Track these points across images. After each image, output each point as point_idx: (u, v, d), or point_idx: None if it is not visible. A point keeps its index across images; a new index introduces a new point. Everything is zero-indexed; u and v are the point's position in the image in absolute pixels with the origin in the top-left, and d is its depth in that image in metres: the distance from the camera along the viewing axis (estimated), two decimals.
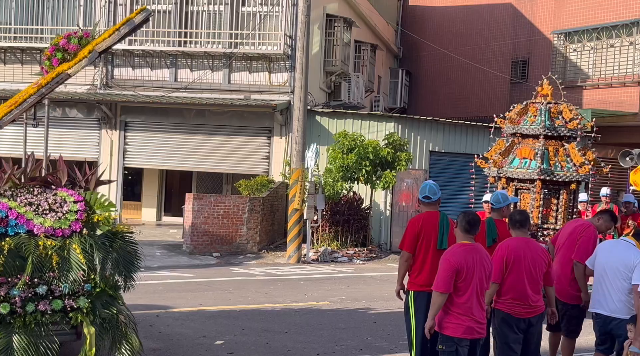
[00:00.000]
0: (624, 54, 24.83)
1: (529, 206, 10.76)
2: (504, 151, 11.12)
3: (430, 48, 30.62)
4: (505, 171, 10.88)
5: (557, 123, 10.89)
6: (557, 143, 10.89)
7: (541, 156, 10.65)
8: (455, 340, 5.85)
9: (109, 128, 20.88)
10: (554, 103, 11.18)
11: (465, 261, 5.83)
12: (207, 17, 20.53)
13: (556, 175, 10.58)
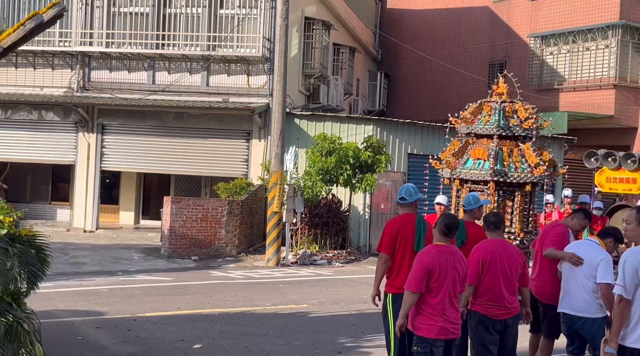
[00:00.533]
0: (599, 57, 25.10)
1: None
2: (458, 152, 10.81)
3: (408, 51, 30.76)
4: (458, 172, 10.57)
5: (512, 122, 10.58)
6: (512, 144, 10.59)
7: (495, 157, 10.35)
8: (430, 340, 5.88)
9: (86, 131, 20.71)
10: (509, 102, 10.82)
11: (438, 262, 5.86)
12: (185, 20, 20.45)
13: (510, 176, 10.28)
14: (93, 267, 14.92)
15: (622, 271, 5.53)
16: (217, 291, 12.69)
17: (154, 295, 12.05)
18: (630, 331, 5.53)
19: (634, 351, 5.53)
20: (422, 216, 7.51)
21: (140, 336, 9.01)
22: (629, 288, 5.47)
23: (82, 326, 9.42)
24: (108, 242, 18.62)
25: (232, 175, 20.02)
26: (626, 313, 5.51)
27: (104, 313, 10.25)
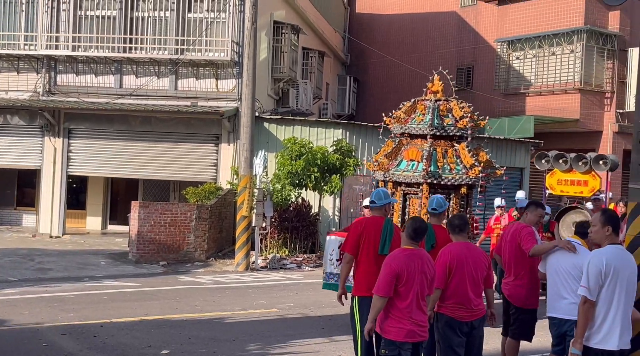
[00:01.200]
0: (565, 62, 25.45)
1: (416, 212, 10.03)
2: (391, 153, 10.37)
3: (377, 55, 30.91)
4: (391, 174, 10.15)
5: (446, 121, 10.16)
6: (447, 144, 10.19)
7: (428, 158, 9.94)
8: (398, 343, 5.91)
9: (52, 136, 20.47)
10: (443, 101, 10.39)
11: (406, 266, 5.88)
12: (153, 23, 20.32)
13: (444, 178, 9.89)
14: (59, 272, 14.73)
15: (587, 273, 5.59)
16: (185, 296, 12.61)
17: (121, 300, 11.93)
18: (594, 332, 5.61)
19: (598, 351, 5.61)
20: (390, 220, 7.56)
21: (107, 342, 8.91)
22: (593, 290, 5.54)
23: (48, 333, 9.28)
24: (75, 248, 18.40)
25: (201, 180, 19.91)
26: (590, 315, 5.58)
27: (70, 320, 10.11)
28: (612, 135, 25.37)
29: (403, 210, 10.23)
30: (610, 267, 5.53)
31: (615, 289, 5.57)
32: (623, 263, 5.64)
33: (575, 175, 14.20)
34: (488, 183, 10.27)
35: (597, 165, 13.90)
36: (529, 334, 7.84)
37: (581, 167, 14.03)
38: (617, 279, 5.56)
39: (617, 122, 25.37)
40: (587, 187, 14.17)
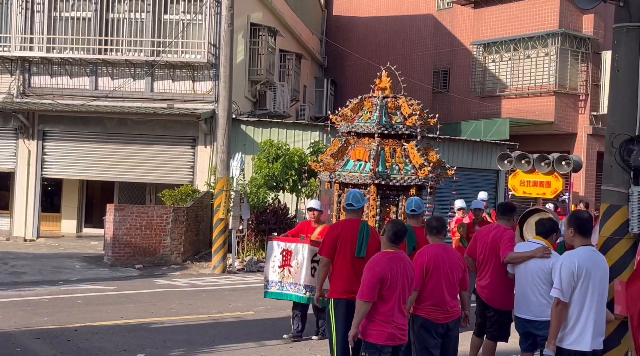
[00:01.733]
0: (540, 65, 25.69)
1: (364, 215, 9.32)
2: (337, 152, 9.94)
3: (354, 58, 30.97)
4: (337, 175, 9.72)
5: (395, 119, 9.74)
6: (396, 143, 9.77)
7: (376, 157, 9.50)
8: (378, 346, 5.93)
9: (26, 138, 20.25)
10: (391, 98, 9.95)
11: (390, 270, 5.90)
12: (129, 25, 20.18)
13: (393, 178, 9.49)
14: (33, 276, 14.56)
15: (559, 275, 5.64)
16: (161, 299, 12.52)
17: (96, 304, 11.82)
18: (567, 333, 5.66)
19: (571, 352, 5.66)
20: (366, 223, 7.57)
21: (82, 346, 8.82)
22: (565, 291, 5.59)
23: (21, 337, 9.17)
24: (49, 251, 18.21)
25: (177, 182, 19.81)
26: (563, 316, 5.63)
27: (44, 324, 10.01)
28: (586, 137, 25.64)
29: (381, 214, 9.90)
30: (582, 269, 5.58)
31: (588, 290, 5.62)
32: (595, 264, 5.69)
33: (538, 176, 13.83)
34: (438, 184, 9.92)
35: (560, 165, 13.53)
36: (507, 335, 7.89)
37: (543, 167, 13.66)
38: (589, 280, 5.62)
39: (591, 125, 25.65)
40: (549, 188, 13.81)
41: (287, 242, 9.18)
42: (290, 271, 9.03)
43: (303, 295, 8.93)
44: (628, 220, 6.80)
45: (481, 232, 8.10)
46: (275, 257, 9.22)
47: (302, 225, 9.70)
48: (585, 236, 5.79)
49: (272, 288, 9.25)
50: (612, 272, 6.53)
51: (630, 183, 6.83)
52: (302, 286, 8.90)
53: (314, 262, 8.67)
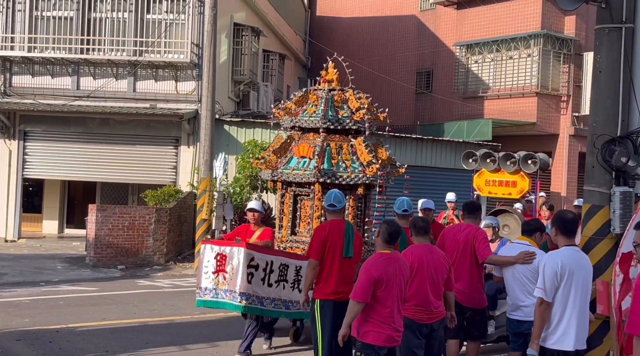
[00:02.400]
0: (522, 66, 25.82)
1: (308, 216, 9.11)
2: (280, 148, 9.30)
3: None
4: (280, 173, 9.11)
5: (341, 113, 9.17)
6: (343, 139, 9.21)
7: (320, 154, 8.89)
8: (375, 348, 5.89)
9: (7, 138, 20.07)
10: (338, 91, 9.41)
11: (385, 271, 5.87)
12: (111, 24, 20.06)
13: (339, 176, 8.85)
14: (14, 277, 14.43)
15: (542, 275, 5.66)
16: (144, 300, 12.46)
17: (78, 305, 11.74)
18: (550, 333, 5.68)
19: (554, 352, 5.68)
20: (349, 222, 7.58)
21: (63, 348, 8.76)
22: (549, 291, 5.61)
23: (2, 339, 9.09)
24: (30, 252, 18.06)
25: (160, 183, 19.71)
26: (547, 315, 5.65)
27: (26, 325, 9.92)
28: (568, 138, 25.80)
29: (294, 213, 9.35)
30: (565, 268, 5.61)
31: (571, 290, 5.64)
32: (578, 264, 5.72)
33: (504, 175, 13.34)
34: (388, 183, 9.36)
35: (526, 164, 13.08)
36: (486, 333, 7.91)
37: (509, 166, 13.20)
38: (573, 280, 5.64)
39: (573, 125, 25.82)
40: (515, 188, 13.34)
41: (222, 245, 8.36)
42: (225, 278, 8.18)
43: (238, 303, 8.10)
44: (610, 220, 6.85)
45: (449, 232, 7.97)
46: (209, 261, 8.34)
47: (241, 229, 9.20)
48: (568, 236, 5.82)
49: (206, 296, 8.36)
50: (594, 272, 6.55)
51: (611, 183, 6.88)
52: (238, 294, 8.07)
53: (251, 266, 8.09)
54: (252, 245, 8.27)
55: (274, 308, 8.31)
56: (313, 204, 9.01)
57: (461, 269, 7.63)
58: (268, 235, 8.88)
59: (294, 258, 8.49)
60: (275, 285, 8.25)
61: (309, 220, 9.15)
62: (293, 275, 8.41)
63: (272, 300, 8.26)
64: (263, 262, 8.16)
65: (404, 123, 28.57)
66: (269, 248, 8.53)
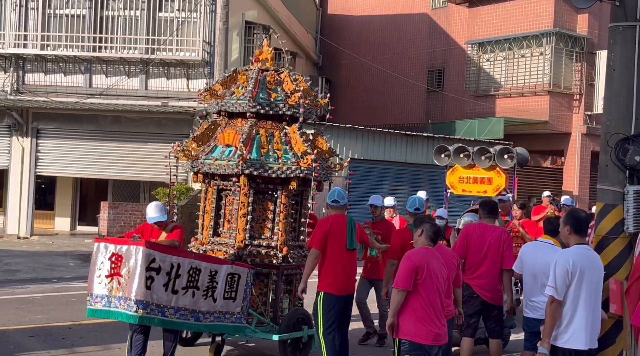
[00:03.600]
0: (534, 64, 25.71)
1: (234, 214, 7.95)
2: (202, 136, 8.20)
3: (349, 56, 30.95)
4: (201, 164, 8.01)
5: (274, 96, 8.03)
6: (275, 126, 8.09)
7: (247, 142, 7.75)
8: (426, 347, 5.77)
9: (20, 136, 20.18)
10: (272, 71, 8.25)
11: (426, 260, 5.80)
12: (123, 22, 20.13)
13: (268, 168, 7.73)
14: (27, 274, 14.51)
15: (554, 273, 5.64)
16: None
17: None
18: (562, 332, 5.66)
19: (565, 351, 5.66)
20: (351, 217, 7.68)
21: (76, 344, 8.80)
22: (560, 289, 5.59)
23: (15, 335, 9.13)
24: (43, 249, 18.16)
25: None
26: (558, 314, 5.63)
27: (38, 322, 9.98)
28: (580, 137, 25.69)
29: (217, 211, 8.23)
30: (576, 267, 5.59)
31: (582, 288, 5.62)
32: (589, 263, 5.70)
33: (479, 171, 12.31)
34: (326, 178, 8.33)
35: (502, 159, 12.00)
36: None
37: (484, 162, 12.13)
38: (584, 279, 5.62)
39: (585, 124, 25.70)
40: (491, 186, 12.26)
41: (118, 244, 6.97)
42: (120, 283, 6.80)
43: (134, 313, 6.73)
44: (623, 219, 6.81)
45: (474, 230, 7.88)
46: (103, 263, 6.92)
47: (146, 226, 7.82)
48: (581, 235, 5.81)
49: (97, 304, 6.97)
50: (607, 271, 6.55)
51: (625, 182, 6.84)
52: (133, 302, 6.71)
53: (151, 269, 6.75)
54: (153, 244, 6.99)
55: (178, 318, 7.00)
56: (238, 200, 7.85)
57: (491, 269, 7.61)
58: (177, 234, 7.55)
59: (208, 262, 7.28)
60: (182, 292, 6.98)
61: (232, 218, 8.01)
62: (207, 281, 7.18)
63: (177, 310, 6.97)
64: (167, 265, 6.85)
65: (415, 121, 28.54)
66: (175, 249, 7.17)
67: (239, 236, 7.90)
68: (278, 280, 8.03)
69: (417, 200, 8.36)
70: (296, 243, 8.32)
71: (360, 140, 21.11)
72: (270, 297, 8.06)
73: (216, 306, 7.28)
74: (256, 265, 7.82)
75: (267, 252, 7.94)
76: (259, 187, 7.94)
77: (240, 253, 7.86)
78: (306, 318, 8.01)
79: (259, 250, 7.93)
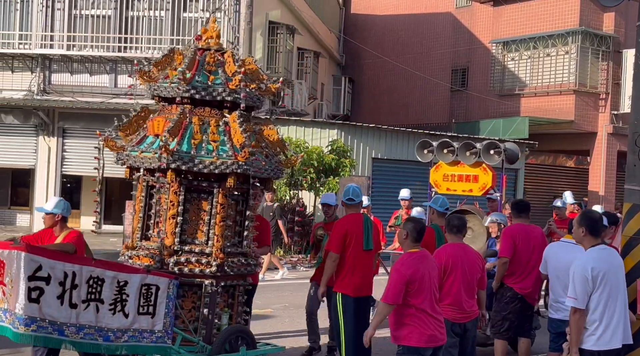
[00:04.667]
0: (559, 63, 25.50)
1: (162, 216, 6.86)
2: (130, 124, 7.04)
3: (372, 56, 30.92)
4: (126, 156, 6.88)
5: (211, 79, 6.86)
6: (214, 114, 6.88)
7: (174, 131, 6.62)
8: (420, 350, 5.74)
9: (47, 135, 20.42)
10: (214, 51, 7.11)
11: (417, 270, 5.73)
12: (148, 23, 20.29)
13: (198, 162, 6.56)
14: None
15: (573, 283, 5.55)
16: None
17: None
18: (589, 335, 5.60)
19: (594, 353, 5.61)
20: (367, 216, 7.66)
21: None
22: (581, 299, 5.50)
23: None
24: None
25: None
26: (582, 323, 5.56)
27: None
28: (606, 137, 25.44)
29: (145, 211, 7.05)
30: (597, 272, 5.50)
31: (606, 292, 5.55)
32: (608, 264, 5.62)
33: (464, 168, 11.39)
34: (269, 174, 7.06)
35: (488, 155, 11.06)
36: None
37: (469, 158, 11.23)
38: (607, 281, 5.55)
39: (611, 123, 25.45)
40: (477, 184, 11.29)
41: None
42: (5, 293, 5.77)
43: (18, 330, 5.67)
44: None
45: (517, 233, 7.75)
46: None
47: (41, 233, 6.98)
48: (595, 236, 5.73)
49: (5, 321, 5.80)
50: (634, 272, 6.48)
51: None
52: (16, 318, 5.68)
53: (38, 278, 5.71)
54: (37, 249, 5.92)
55: (83, 338, 5.92)
56: (167, 198, 6.73)
57: (536, 271, 7.51)
58: (72, 237, 6.67)
59: (116, 270, 6.19)
60: (83, 306, 5.92)
61: (160, 220, 6.96)
62: (113, 292, 6.09)
63: (80, 328, 5.90)
64: (59, 273, 5.78)
65: (439, 121, 28.44)
66: (68, 255, 6.10)
67: (167, 240, 6.73)
68: (212, 292, 6.69)
69: (442, 199, 8.30)
70: (238, 250, 6.98)
71: (383, 140, 21.07)
72: (202, 312, 6.73)
73: (129, 323, 6.14)
74: (184, 275, 6.63)
75: (199, 259, 6.69)
76: (191, 184, 6.79)
77: (167, 260, 6.68)
78: (246, 337, 6.82)
79: (189, 257, 6.70)
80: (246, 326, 7.18)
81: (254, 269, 7.26)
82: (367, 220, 7.44)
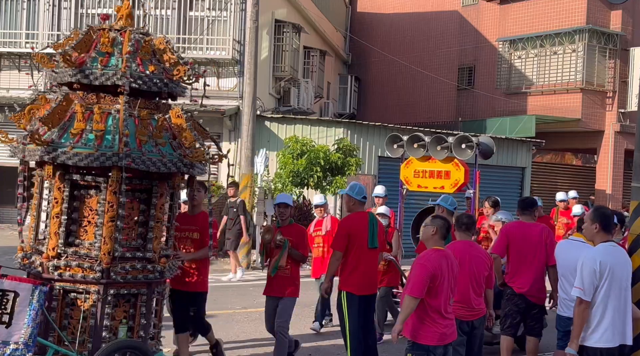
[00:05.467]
0: (566, 61, 25.43)
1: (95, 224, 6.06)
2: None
3: (378, 54, 30.90)
4: (57, 154, 5.90)
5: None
6: (108, 101, 6.14)
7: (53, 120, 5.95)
8: (430, 348, 5.72)
9: None
10: (107, 30, 6.38)
11: (440, 266, 5.71)
12: (154, 22, 20.30)
13: (138, 160, 5.87)
14: None
15: (580, 274, 5.56)
16: None
17: None
18: (592, 332, 5.60)
19: (596, 350, 5.61)
20: (373, 214, 7.67)
21: None
22: (587, 291, 5.51)
23: None
24: None
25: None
26: (586, 315, 5.56)
27: None
28: (613, 135, 25.36)
29: (68, 214, 6.10)
30: (605, 266, 5.51)
31: (612, 287, 5.56)
32: (617, 260, 5.63)
33: (435, 164, 10.92)
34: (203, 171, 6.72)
35: (460, 150, 10.56)
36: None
37: (440, 153, 10.71)
38: (613, 277, 5.55)
39: (618, 122, 25.37)
40: (449, 180, 10.85)
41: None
42: None
43: None
44: None
45: (510, 230, 7.81)
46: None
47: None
48: (608, 232, 5.74)
49: None
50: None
51: None
52: None
53: None
54: None
55: None
56: (105, 199, 5.98)
57: (534, 269, 7.55)
58: None
59: None
60: None
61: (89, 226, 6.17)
62: None
63: None
64: None
65: (446, 119, 28.40)
66: None
67: (50, 242, 6.07)
68: (97, 300, 6.00)
69: (451, 198, 8.37)
70: (137, 255, 6.16)
71: None
72: (89, 323, 6.03)
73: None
74: (65, 280, 6.00)
75: (81, 263, 5.98)
76: (131, 182, 6.09)
77: (46, 264, 6.03)
78: (137, 351, 5.96)
79: (69, 261, 6.00)
80: (138, 341, 6.11)
81: (166, 275, 6.33)
82: (372, 218, 7.45)
